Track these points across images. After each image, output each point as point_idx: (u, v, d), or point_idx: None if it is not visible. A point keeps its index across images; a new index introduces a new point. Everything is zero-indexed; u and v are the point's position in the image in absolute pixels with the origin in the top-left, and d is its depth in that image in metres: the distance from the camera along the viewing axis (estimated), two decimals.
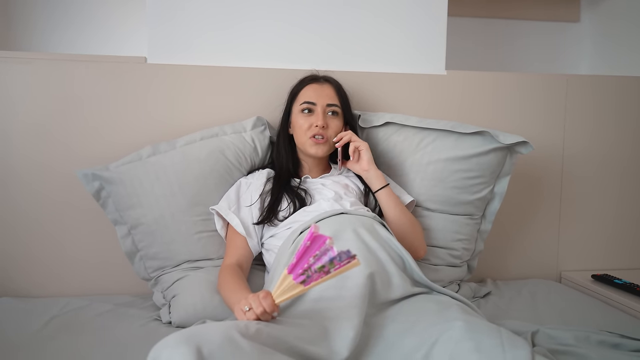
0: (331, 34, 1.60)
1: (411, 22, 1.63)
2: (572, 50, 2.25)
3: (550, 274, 1.75)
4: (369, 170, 1.33)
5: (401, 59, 1.64)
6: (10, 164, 1.45)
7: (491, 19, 2.18)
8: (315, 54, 1.59)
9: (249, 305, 0.91)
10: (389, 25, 1.62)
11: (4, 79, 1.44)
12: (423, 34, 1.64)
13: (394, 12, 1.62)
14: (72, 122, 1.46)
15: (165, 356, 0.71)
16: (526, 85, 1.69)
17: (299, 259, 0.85)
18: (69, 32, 1.85)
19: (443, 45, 1.65)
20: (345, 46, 1.61)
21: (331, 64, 1.57)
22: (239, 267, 1.23)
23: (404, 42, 1.63)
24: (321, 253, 0.82)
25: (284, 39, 1.58)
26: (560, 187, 1.74)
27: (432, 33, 1.64)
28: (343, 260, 0.82)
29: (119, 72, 1.48)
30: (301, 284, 0.85)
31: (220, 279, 1.20)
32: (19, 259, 1.46)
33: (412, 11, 1.62)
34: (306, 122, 1.34)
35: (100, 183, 1.33)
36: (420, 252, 1.35)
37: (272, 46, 1.57)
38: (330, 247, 0.82)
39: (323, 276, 0.83)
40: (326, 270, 0.83)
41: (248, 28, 1.56)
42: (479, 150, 1.41)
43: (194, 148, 1.39)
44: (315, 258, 0.83)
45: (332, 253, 0.82)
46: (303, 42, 1.59)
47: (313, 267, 0.83)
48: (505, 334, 0.89)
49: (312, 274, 0.83)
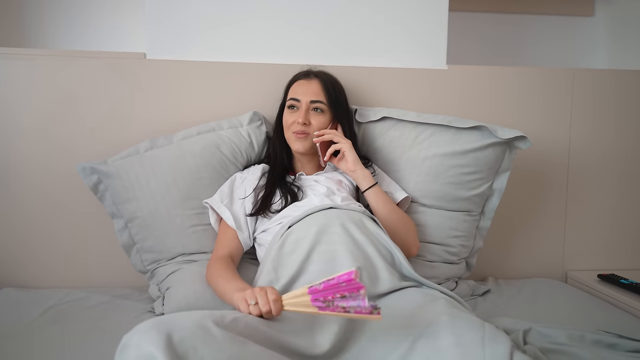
0: (330, 28, 1.59)
1: (411, 16, 1.61)
2: (585, 46, 2.19)
3: (556, 273, 1.70)
4: (355, 170, 1.31)
5: (401, 53, 1.62)
6: (11, 159, 1.48)
7: (503, 14, 2.15)
8: (314, 49, 1.59)
9: (255, 299, 0.91)
10: (389, 20, 1.61)
11: (6, 75, 1.47)
12: (423, 28, 1.62)
13: (393, 6, 1.60)
14: (73, 117, 1.49)
15: (135, 341, 0.72)
16: (531, 79, 1.66)
17: (325, 289, 0.84)
18: (70, 29, 1.88)
19: (444, 39, 1.62)
20: (344, 41, 1.60)
21: (330, 59, 1.56)
22: (231, 259, 1.23)
23: (404, 37, 1.62)
24: (350, 297, 0.82)
25: (282, 34, 1.58)
26: (566, 184, 1.69)
27: (433, 27, 1.61)
28: (366, 310, 0.81)
29: (118, 68, 1.50)
30: (316, 307, 0.85)
31: (212, 270, 1.20)
32: (21, 252, 1.50)
33: (412, 5, 1.60)
34: (290, 118, 1.34)
35: (98, 177, 1.36)
36: (412, 249, 1.33)
37: (271, 41, 1.58)
38: (362, 297, 0.81)
39: (341, 312, 0.83)
40: (346, 310, 0.82)
41: (246, 23, 1.56)
42: (477, 145, 1.38)
43: (190, 142, 1.40)
44: (342, 297, 0.82)
45: (363, 303, 0.81)
46: (302, 37, 1.58)
47: (336, 302, 0.83)
48: (488, 329, 0.87)
49: (331, 306, 0.83)
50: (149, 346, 0.70)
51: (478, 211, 1.47)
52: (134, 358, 0.70)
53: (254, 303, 0.90)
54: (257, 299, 0.90)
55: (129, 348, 0.72)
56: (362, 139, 1.49)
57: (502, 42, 2.15)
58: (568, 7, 2.16)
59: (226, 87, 1.55)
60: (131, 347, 0.71)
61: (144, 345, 0.70)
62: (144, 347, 0.70)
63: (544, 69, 1.68)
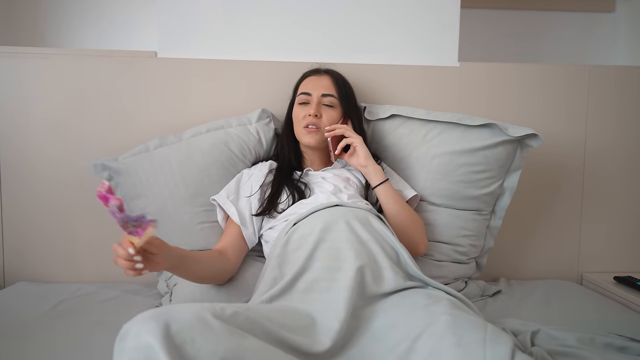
0: (340, 25, 1.58)
1: (422, 12, 1.59)
2: (606, 43, 2.13)
3: (571, 275, 1.66)
4: (366, 165, 1.30)
5: (411, 50, 1.60)
6: (26, 155, 1.52)
7: (521, 10, 2.11)
8: (322, 47, 1.58)
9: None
10: (399, 17, 1.59)
11: (21, 73, 1.51)
12: (434, 25, 1.59)
13: (404, 2, 1.59)
14: (86, 114, 1.52)
15: (134, 331, 0.73)
16: (545, 76, 1.62)
17: None
18: (81, 27, 1.92)
19: (456, 35, 1.60)
20: (353, 38, 1.59)
21: (339, 57, 1.56)
22: (219, 253, 1.23)
23: (414, 34, 1.60)
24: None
25: (291, 32, 1.58)
26: (582, 183, 1.65)
27: (444, 23, 1.59)
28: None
29: (130, 66, 1.53)
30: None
31: None
32: (36, 246, 1.53)
33: (423, 1, 1.58)
34: (301, 112, 1.34)
35: (109, 173, 1.38)
36: (420, 247, 1.32)
37: (280, 39, 1.58)
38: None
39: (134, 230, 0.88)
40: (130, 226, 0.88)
41: (255, 22, 1.57)
42: (487, 143, 1.36)
43: (199, 140, 1.41)
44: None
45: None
46: (310, 35, 1.58)
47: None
48: (490, 330, 0.86)
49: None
50: (147, 336, 0.71)
51: (488, 210, 1.44)
52: (132, 347, 0.71)
53: None
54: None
55: (128, 337, 0.73)
56: (371, 137, 1.48)
57: (521, 41, 2.11)
58: (588, 4, 2.11)
59: (237, 85, 1.55)
60: (130, 336, 0.72)
61: (143, 335, 0.71)
62: (142, 336, 0.71)
63: (559, 66, 1.64)
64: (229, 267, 1.23)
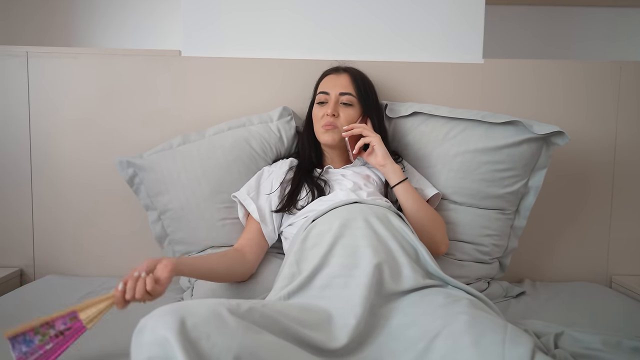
0: (363, 23, 1.58)
1: (446, 8, 1.57)
2: (638, 38, 2.06)
3: (600, 277, 1.61)
4: (385, 164, 1.29)
5: (435, 47, 1.58)
6: (55, 152, 1.56)
7: (550, 6, 2.06)
8: (345, 44, 1.58)
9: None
10: (422, 13, 1.57)
11: (51, 72, 1.55)
12: (459, 21, 1.57)
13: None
14: (113, 112, 1.56)
15: (150, 325, 0.74)
16: (573, 73, 1.58)
17: None
18: (109, 28, 1.97)
19: (480, 31, 1.57)
20: (376, 36, 1.58)
21: (361, 54, 1.55)
22: (237, 251, 1.25)
23: (437, 30, 1.58)
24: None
25: (313, 31, 1.58)
26: (611, 183, 1.60)
27: (469, 19, 1.57)
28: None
29: (155, 65, 1.56)
30: None
31: None
32: (64, 241, 1.58)
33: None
34: (320, 111, 1.35)
35: (134, 170, 1.40)
36: (441, 247, 1.30)
37: (302, 38, 1.58)
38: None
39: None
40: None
41: (278, 21, 1.58)
42: (511, 141, 1.33)
43: (221, 137, 1.43)
44: None
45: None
46: (333, 33, 1.58)
47: None
48: (511, 330, 0.84)
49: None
50: (163, 330, 0.72)
51: (512, 210, 1.41)
52: (148, 341, 0.72)
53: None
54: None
55: (145, 331, 0.74)
56: (393, 135, 1.47)
57: (550, 37, 2.06)
58: None
59: (259, 83, 1.57)
60: (146, 330, 0.74)
61: (159, 329, 0.72)
62: (159, 331, 0.72)
63: (588, 62, 1.60)
64: (247, 267, 1.24)
